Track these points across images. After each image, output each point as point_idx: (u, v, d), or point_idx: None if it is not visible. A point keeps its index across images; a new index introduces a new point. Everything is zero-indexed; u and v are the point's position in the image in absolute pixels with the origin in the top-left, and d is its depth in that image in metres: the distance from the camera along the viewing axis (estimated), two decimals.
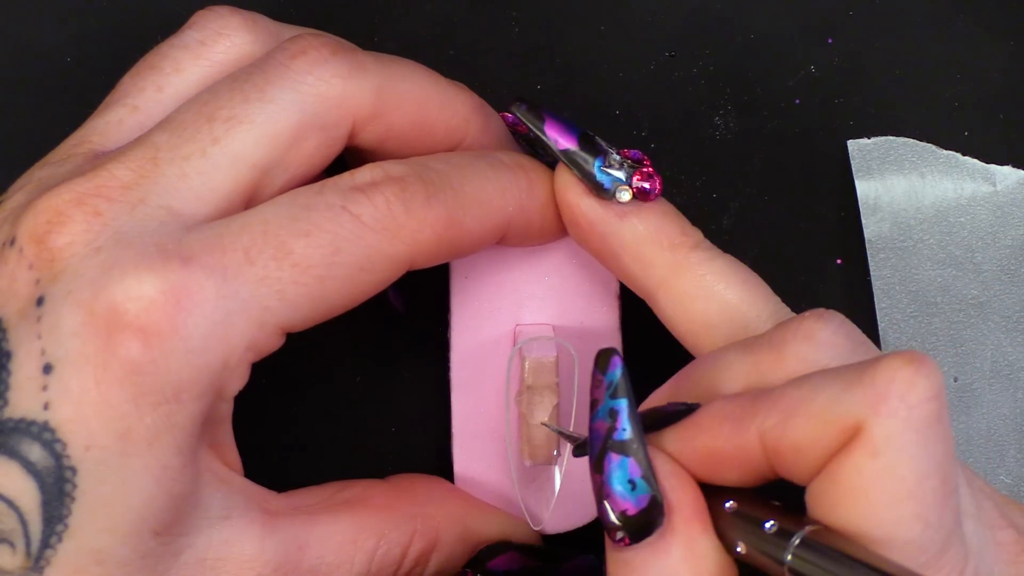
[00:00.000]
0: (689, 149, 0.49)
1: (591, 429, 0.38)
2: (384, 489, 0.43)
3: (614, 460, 0.37)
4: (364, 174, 0.39)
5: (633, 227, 0.42)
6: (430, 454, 0.47)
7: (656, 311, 0.43)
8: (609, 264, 0.43)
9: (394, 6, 0.49)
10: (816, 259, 0.49)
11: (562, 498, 0.44)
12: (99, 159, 0.39)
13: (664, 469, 0.37)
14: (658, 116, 0.49)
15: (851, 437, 0.34)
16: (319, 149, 0.40)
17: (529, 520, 0.44)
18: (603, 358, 0.38)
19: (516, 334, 0.45)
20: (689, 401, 0.38)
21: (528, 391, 0.43)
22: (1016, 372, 0.48)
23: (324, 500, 0.41)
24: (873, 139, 0.49)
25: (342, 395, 0.48)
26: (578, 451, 0.41)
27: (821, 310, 0.38)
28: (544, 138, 0.42)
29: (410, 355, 0.48)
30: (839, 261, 0.49)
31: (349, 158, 0.42)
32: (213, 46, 0.41)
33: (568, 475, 0.44)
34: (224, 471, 0.39)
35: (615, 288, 0.45)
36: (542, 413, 0.43)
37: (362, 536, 0.41)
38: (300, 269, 0.37)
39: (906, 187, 0.49)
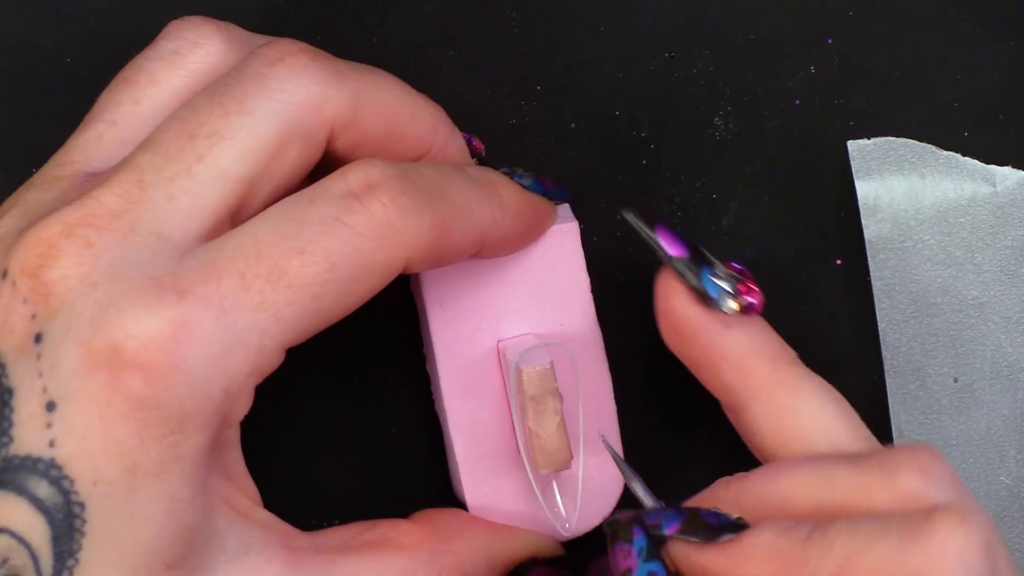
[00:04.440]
0: (689, 149, 0.49)
1: None
2: (408, 528, 0.42)
3: None
4: (357, 174, 0.38)
5: (738, 338, 0.42)
6: (430, 455, 0.47)
7: (745, 421, 0.43)
8: (704, 372, 0.43)
9: (394, 6, 0.49)
10: (816, 259, 0.49)
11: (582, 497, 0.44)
12: (85, 185, 0.38)
13: None
14: (658, 116, 0.49)
15: None
16: (300, 157, 0.39)
17: (558, 527, 0.44)
18: (624, 530, 0.39)
19: (500, 350, 0.45)
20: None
21: (532, 402, 0.43)
22: (1016, 373, 0.48)
23: (348, 541, 0.41)
24: (873, 139, 0.49)
25: (340, 398, 0.48)
26: (609, 527, 0.40)
27: (928, 446, 0.39)
28: (655, 243, 0.43)
29: (409, 362, 0.48)
30: (839, 261, 0.49)
31: (320, 165, 0.42)
32: (188, 56, 0.41)
33: (584, 474, 0.44)
34: (243, 504, 0.39)
35: (586, 286, 0.45)
36: (551, 419, 0.43)
37: None
38: (294, 289, 0.37)
39: (906, 188, 0.49)
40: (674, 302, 0.43)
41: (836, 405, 0.42)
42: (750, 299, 0.42)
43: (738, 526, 0.38)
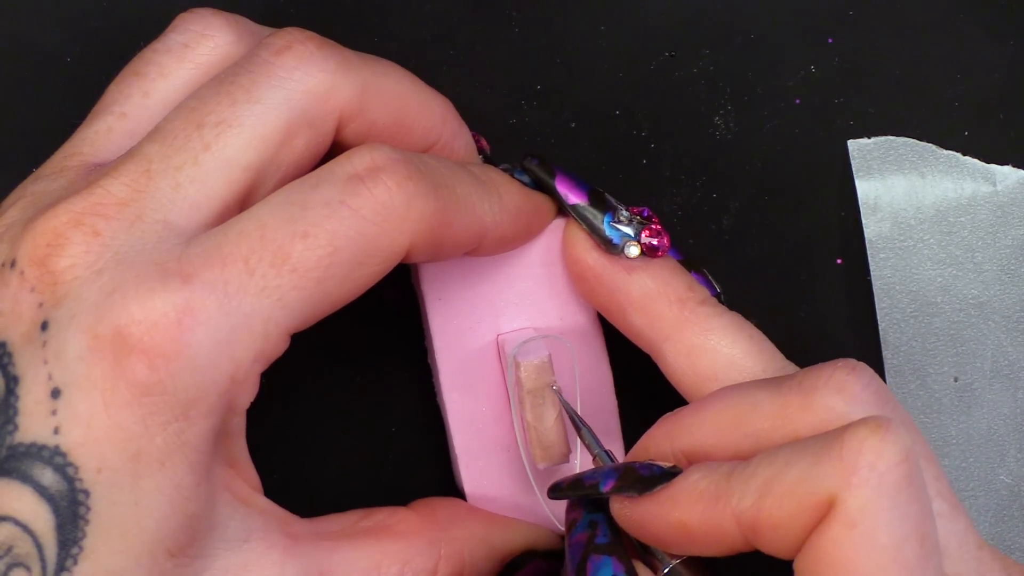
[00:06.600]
0: (689, 149, 0.49)
1: (571, 544, 0.39)
2: (406, 515, 0.43)
3: (597, 560, 0.38)
4: (363, 157, 0.38)
5: (641, 282, 0.43)
6: (431, 447, 0.47)
7: (661, 365, 0.43)
8: (614, 318, 0.44)
9: (394, 6, 0.49)
10: (816, 259, 0.49)
11: None
12: (93, 174, 0.39)
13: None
14: (658, 116, 0.49)
15: (827, 511, 0.34)
16: (308, 146, 0.39)
17: (556, 523, 0.44)
18: (566, 491, 0.40)
19: (499, 344, 0.45)
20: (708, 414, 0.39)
21: (530, 395, 0.43)
22: (1016, 372, 0.48)
23: (347, 527, 0.41)
24: (873, 139, 0.49)
25: (340, 395, 0.48)
26: (552, 493, 0.41)
27: (852, 361, 0.38)
28: (555, 193, 0.43)
29: (409, 355, 0.48)
30: (839, 261, 0.49)
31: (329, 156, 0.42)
32: (197, 48, 0.41)
33: (582, 468, 0.44)
34: (244, 491, 0.39)
35: None
36: (550, 412, 0.43)
37: (385, 563, 0.41)
38: (298, 274, 0.37)
39: (906, 187, 0.49)
40: (576, 250, 0.43)
41: (749, 340, 0.42)
42: (653, 241, 0.42)
43: (671, 474, 0.38)
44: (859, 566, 0.34)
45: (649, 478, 0.38)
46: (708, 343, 0.42)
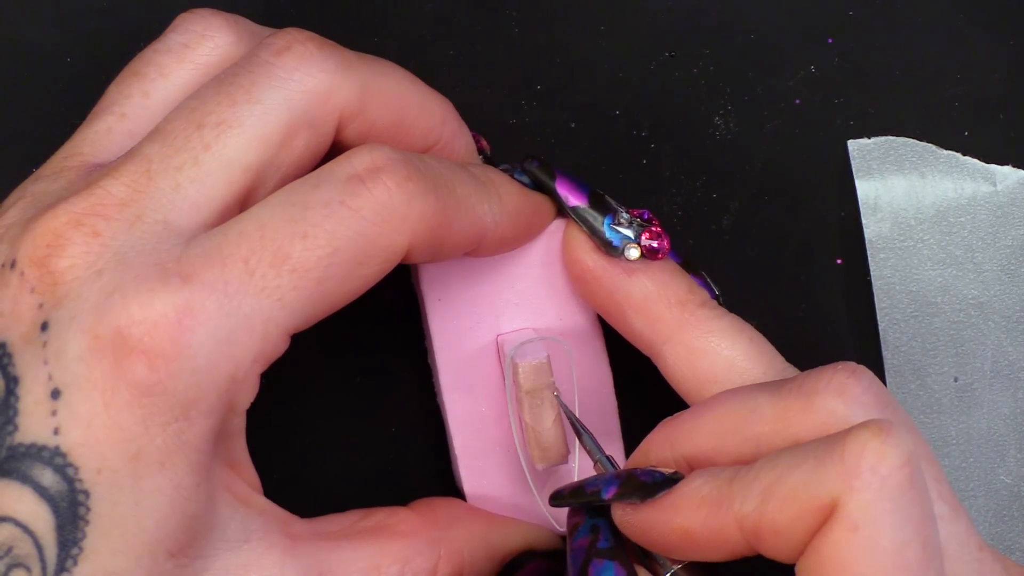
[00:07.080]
0: (689, 149, 0.49)
1: (573, 549, 0.39)
2: (406, 515, 0.43)
3: (599, 565, 0.38)
4: (363, 157, 0.38)
5: (641, 284, 0.43)
6: (431, 447, 0.47)
7: (661, 367, 0.43)
8: (614, 320, 0.44)
9: (394, 6, 0.49)
10: (816, 259, 0.49)
11: None
12: (93, 175, 0.39)
13: None
14: (658, 116, 0.49)
15: (829, 514, 0.34)
16: (308, 146, 0.39)
17: (555, 524, 0.44)
18: (568, 499, 0.40)
19: (499, 344, 0.45)
20: (707, 417, 0.39)
21: (528, 396, 0.43)
22: (1016, 372, 0.48)
23: (346, 527, 0.41)
24: (873, 139, 0.49)
25: (340, 395, 0.48)
26: (554, 500, 0.41)
27: (852, 364, 0.38)
28: (555, 195, 0.43)
29: (409, 355, 0.48)
30: (839, 261, 0.49)
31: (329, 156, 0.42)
32: (197, 48, 0.41)
33: (580, 470, 0.44)
34: (244, 491, 0.39)
35: None
36: (548, 413, 0.43)
37: (385, 563, 0.41)
38: (298, 274, 0.37)
39: (906, 187, 0.49)
40: (576, 252, 0.43)
41: (749, 343, 0.42)
42: (653, 244, 0.42)
43: (672, 480, 0.38)
44: (861, 569, 0.34)
45: (651, 484, 0.38)
46: (708, 345, 0.42)
